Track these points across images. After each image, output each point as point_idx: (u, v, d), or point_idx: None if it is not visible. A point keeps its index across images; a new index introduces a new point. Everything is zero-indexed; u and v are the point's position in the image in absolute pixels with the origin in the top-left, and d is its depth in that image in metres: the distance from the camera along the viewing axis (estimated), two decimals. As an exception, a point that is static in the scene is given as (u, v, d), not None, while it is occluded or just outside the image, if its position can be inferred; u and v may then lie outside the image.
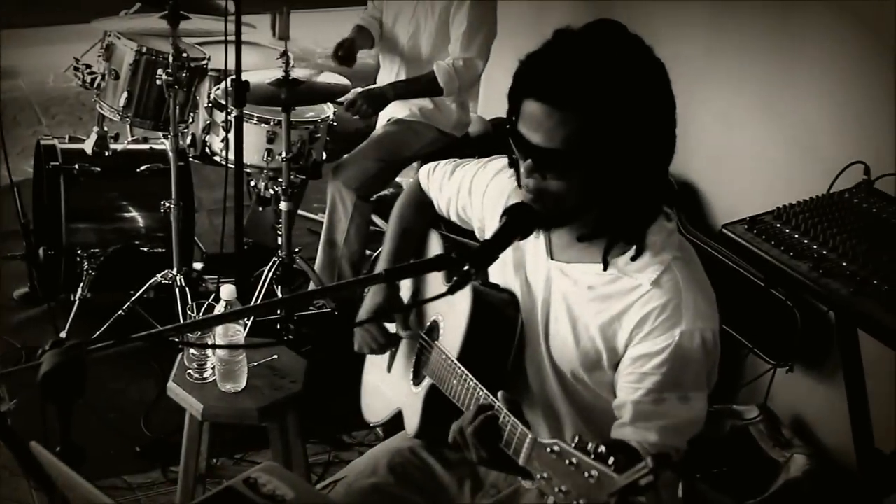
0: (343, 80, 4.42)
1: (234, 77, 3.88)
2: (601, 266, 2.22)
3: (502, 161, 2.48)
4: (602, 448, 1.68)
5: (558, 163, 2.08)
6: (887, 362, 2.88)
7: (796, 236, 2.96)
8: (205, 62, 4.42)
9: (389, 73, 4.80)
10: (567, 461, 1.73)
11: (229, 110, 4.07)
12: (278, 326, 4.29)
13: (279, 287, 4.35)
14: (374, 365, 2.85)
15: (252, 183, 4.56)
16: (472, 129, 4.88)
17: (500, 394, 2.06)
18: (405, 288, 2.77)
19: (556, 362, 2.33)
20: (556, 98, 2.04)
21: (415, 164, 4.83)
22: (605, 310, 2.21)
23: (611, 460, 1.65)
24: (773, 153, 3.91)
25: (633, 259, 2.18)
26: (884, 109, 3.41)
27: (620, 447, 2.06)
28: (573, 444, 1.73)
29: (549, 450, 1.78)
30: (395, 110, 4.72)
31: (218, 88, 4.41)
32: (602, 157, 2.05)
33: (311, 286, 4.52)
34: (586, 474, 1.68)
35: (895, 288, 2.69)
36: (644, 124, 2.08)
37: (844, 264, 2.82)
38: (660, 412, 2.13)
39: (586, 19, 2.17)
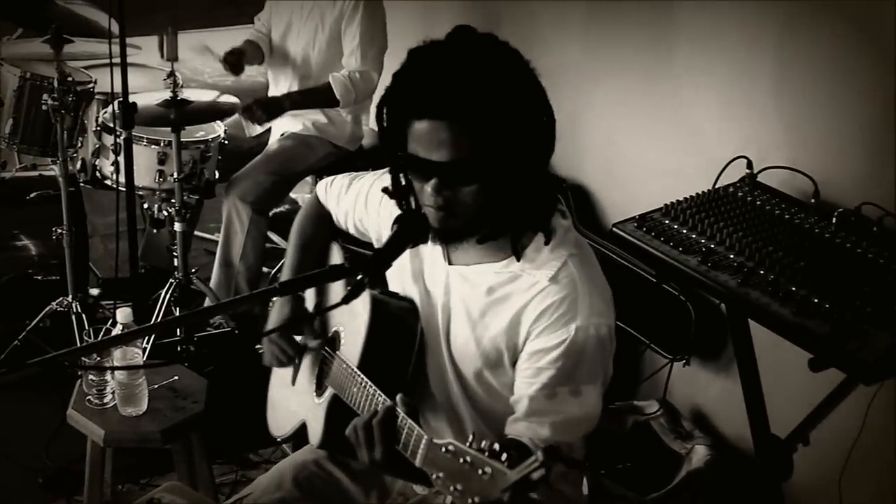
0: (232, 99, 4.41)
1: (121, 99, 3.85)
2: (499, 264, 2.25)
3: None
4: (496, 445, 1.69)
5: (467, 173, 2.09)
6: (778, 350, 2.94)
7: (684, 231, 3.02)
8: (91, 85, 4.37)
9: (280, 90, 4.80)
10: (461, 460, 1.74)
11: (118, 133, 4.03)
12: (178, 348, 4.26)
13: (177, 308, 4.32)
14: (279, 378, 2.85)
15: (145, 205, 4.52)
16: (366, 142, 4.90)
17: (398, 397, 2.07)
18: (309, 301, 2.78)
19: (457, 366, 2.36)
20: (449, 111, 2.05)
21: (309, 179, 4.84)
22: (505, 310, 2.24)
23: (503, 456, 1.67)
24: (660, 151, 3.98)
25: (546, 244, 2.22)
26: (764, 103, 3.49)
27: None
28: (468, 444, 1.74)
29: (443, 450, 1.79)
30: (289, 125, 4.72)
31: (106, 111, 4.37)
32: (504, 155, 2.08)
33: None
34: (480, 472, 1.69)
35: (780, 277, 2.76)
36: (530, 113, 2.12)
37: (731, 256, 2.89)
38: (553, 407, 2.16)
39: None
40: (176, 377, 3.34)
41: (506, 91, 2.07)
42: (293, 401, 2.75)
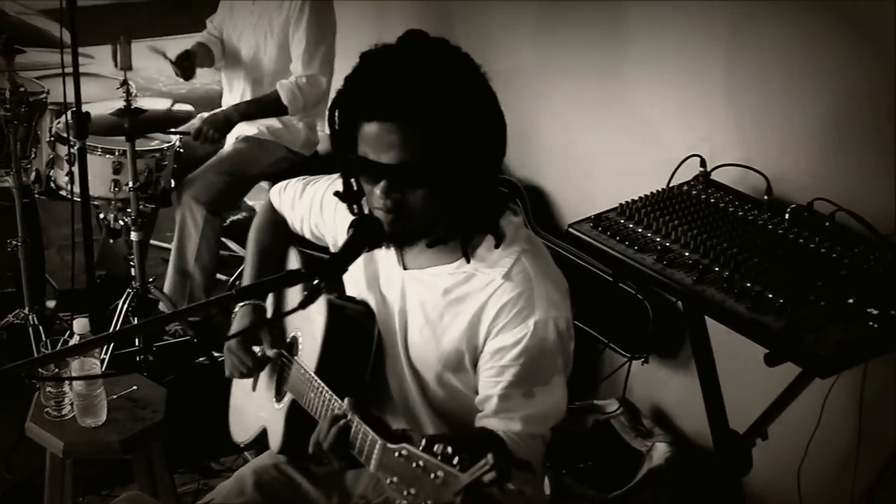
0: (186, 106, 4.39)
1: (74, 109, 3.82)
2: (453, 265, 2.26)
3: None
4: (449, 449, 1.70)
5: (416, 175, 2.10)
6: (735, 345, 2.96)
7: (640, 230, 3.04)
8: (44, 96, 4.34)
9: (234, 96, 4.79)
10: (414, 464, 1.74)
11: (72, 143, 4.01)
12: (137, 358, 4.23)
13: (135, 318, 4.29)
14: (240, 385, 2.86)
15: (101, 215, 4.49)
16: (321, 148, 4.90)
17: (346, 401, 2.08)
18: (270, 308, 2.79)
19: (416, 370, 2.37)
20: (398, 113, 2.06)
21: (264, 185, 4.82)
22: (463, 311, 2.26)
23: (455, 460, 1.68)
24: (615, 151, 4.00)
25: (497, 246, 2.23)
26: (716, 102, 3.52)
27: (487, 435, 2.11)
28: (421, 447, 1.75)
29: (397, 454, 1.79)
30: (244, 128, 4.71)
31: (59, 122, 4.34)
32: (453, 159, 2.09)
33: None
34: (432, 475, 1.69)
35: (735, 274, 2.78)
36: (479, 117, 2.13)
37: (686, 254, 2.91)
38: (521, 402, 2.18)
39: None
40: (135, 387, 3.32)
41: (455, 94, 2.08)
42: (254, 406, 2.75)
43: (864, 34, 3.03)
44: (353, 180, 2.26)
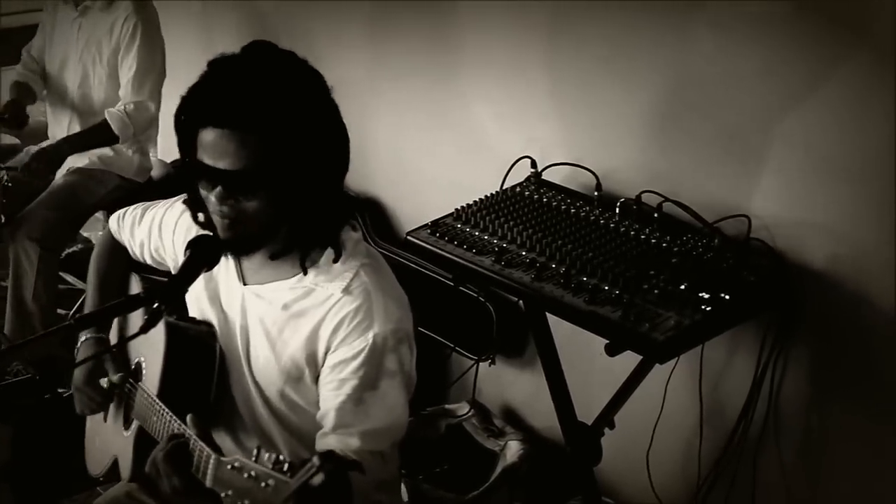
0: (12, 139, 4.29)
1: None
2: (293, 279, 2.27)
3: None
4: (281, 457, 1.71)
5: (250, 182, 2.11)
6: (577, 339, 3.03)
7: (476, 234, 3.09)
8: None
9: (61, 126, 4.68)
10: (246, 475, 1.75)
11: None
12: (-22, 400, 4.13)
13: (-28, 359, 4.18)
14: (93, 417, 2.81)
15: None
16: (155, 174, 4.82)
17: (188, 418, 2.07)
18: (114, 338, 2.75)
19: (260, 386, 2.36)
20: (233, 120, 2.06)
21: (100, 216, 4.74)
22: (303, 325, 2.26)
23: (286, 466, 1.69)
24: (448, 157, 4.04)
25: (336, 260, 2.24)
26: (542, 103, 3.60)
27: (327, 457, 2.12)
28: (253, 458, 1.75)
29: (230, 466, 1.80)
30: (74, 159, 4.59)
31: None
32: (289, 169, 2.10)
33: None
34: (263, 484, 1.71)
35: (572, 269, 2.85)
36: (319, 130, 2.15)
37: (524, 253, 2.97)
38: (360, 417, 2.18)
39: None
40: (-24, 429, 3.25)
41: (293, 104, 2.10)
42: (105, 437, 2.72)
43: (678, 30, 3.13)
44: (195, 186, 2.24)
